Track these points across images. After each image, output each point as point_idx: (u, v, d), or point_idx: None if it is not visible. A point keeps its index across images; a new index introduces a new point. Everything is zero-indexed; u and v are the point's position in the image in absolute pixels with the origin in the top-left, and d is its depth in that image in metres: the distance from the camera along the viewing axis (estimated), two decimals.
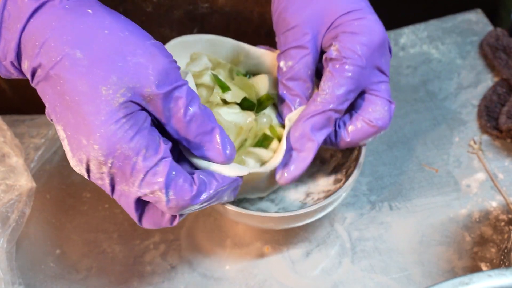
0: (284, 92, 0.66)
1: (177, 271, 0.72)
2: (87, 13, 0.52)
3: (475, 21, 0.92)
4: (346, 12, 0.63)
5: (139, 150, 0.52)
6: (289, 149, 0.65)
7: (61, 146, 0.80)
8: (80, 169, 0.54)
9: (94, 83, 0.50)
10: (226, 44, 0.70)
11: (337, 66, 0.62)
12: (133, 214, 0.56)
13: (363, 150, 0.69)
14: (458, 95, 0.85)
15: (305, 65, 0.64)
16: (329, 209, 0.68)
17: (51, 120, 0.55)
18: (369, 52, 0.63)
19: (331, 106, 0.63)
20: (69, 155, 0.54)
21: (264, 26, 0.76)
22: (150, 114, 0.54)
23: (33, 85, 0.54)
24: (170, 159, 0.54)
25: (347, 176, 0.68)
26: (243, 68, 0.71)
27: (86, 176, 0.55)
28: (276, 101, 0.68)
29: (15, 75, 0.55)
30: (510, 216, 0.75)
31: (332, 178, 0.72)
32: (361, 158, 0.68)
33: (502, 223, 0.75)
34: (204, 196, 0.55)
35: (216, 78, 0.65)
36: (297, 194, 0.73)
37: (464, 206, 0.76)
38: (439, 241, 0.73)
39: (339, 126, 0.66)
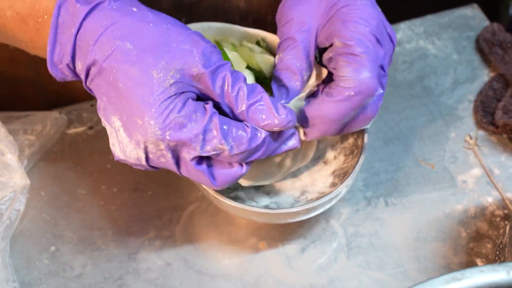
0: (273, 83, 0.65)
1: (173, 267, 0.72)
2: (133, 11, 0.57)
3: (472, 16, 0.91)
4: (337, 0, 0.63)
5: (190, 115, 0.56)
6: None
7: (55, 142, 0.80)
8: (138, 153, 0.57)
9: (146, 69, 0.55)
10: (235, 32, 0.70)
11: (350, 53, 0.61)
12: (201, 176, 0.59)
13: (361, 159, 0.68)
14: (454, 90, 0.85)
15: (293, 56, 0.64)
16: (317, 211, 0.68)
17: (103, 117, 0.58)
18: (371, 34, 0.62)
19: (356, 90, 0.61)
20: (125, 143, 0.58)
21: (252, 12, 0.76)
22: (202, 95, 0.59)
23: (87, 84, 0.58)
24: (217, 113, 0.57)
25: (344, 181, 0.68)
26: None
27: (144, 161, 0.58)
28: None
29: (69, 77, 0.59)
30: (506, 211, 0.75)
31: (329, 181, 0.72)
32: (357, 167, 0.68)
33: (498, 219, 0.74)
34: (260, 136, 0.58)
35: (218, 45, 0.65)
36: (292, 191, 0.73)
37: (460, 202, 0.76)
38: (435, 237, 0.73)
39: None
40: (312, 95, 0.66)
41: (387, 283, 0.70)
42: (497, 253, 0.67)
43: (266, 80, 0.67)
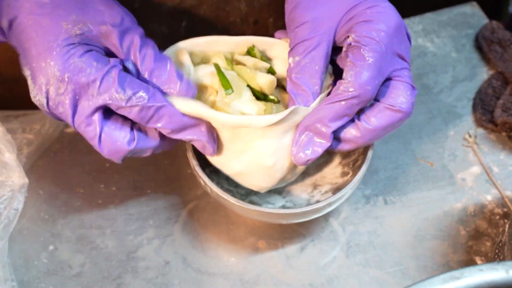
0: (291, 88, 0.63)
1: (171, 266, 0.72)
2: None
3: (471, 14, 0.91)
4: (357, 3, 0.63)
5: (91, 62, 0.59)
6: (303, 131, 0.63)
7: (54, 141, 0.80)
8: (40, 99, 0.60)
9: (56, 19, 0.59)
10: (224, 44, 0.68)
11: (356, 53, 0.61)
12: (92, 130, 0.61)
13: (370, 152, 0.68)
14: (453, 88, 0.85)
15: (312, 59, 0.63)
16: (336, 205, 0.68)
17: (22, 68, 0.61)
18: (387, 37, 0.61)
19: (354, 94, 0.61)
20: (31, 88, 0.61)
21: (252, 14, 0.75)
22: (110, 53, 0.62)
23: (10, 39, 0.62)
24: (121, 67, 0.60)
25: (355, 170, 0.68)
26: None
27: (45, 106, 0.60)
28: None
29: (1, 38, 0.63)
30: (505, 209, 0.75)
31: (339, 171, 0.72)
32: (369, 153, 0.68)
33: (497, 217, 0.74)
34: (159, 100, 0.60)
35: (219, 74, 0.64)
36: (304, 186, 0.73)
37: (459, 200, 0.76)
38: (434, 235, 0.73)
39: (359, 119, 0.64)
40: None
41: (386, 281, 0.70)
42: (497, 251, 0.67)
43: (269, 98, 0.66)
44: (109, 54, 0.62)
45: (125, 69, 0.62)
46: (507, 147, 0.80)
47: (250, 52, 0.68)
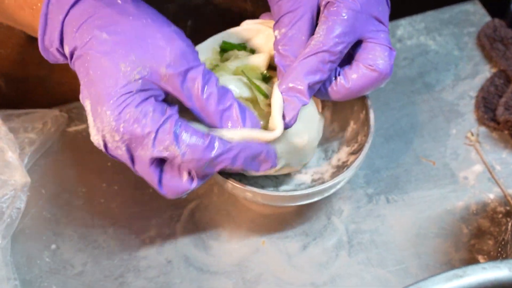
0: (279, 59, 0.64)
1: (173, 265, 0.72)
2: (117, 3, 0.59)
3: (473, 11, 0.91)
4: None
5: (146, 112, 0.57)
6: (287, 93, 0.63)
7: (56, 140, 0.80)
8: (98, 140, 0.59)
9: (115, 60, 0.57)
10: (207, 45, 0.69)
11: (331, 9, 0.62)
12: (151, 178, 0.60)
13: (370, 137, 0.69)
14: (455, 86, 0.85)
15: (298, 30, 0.63)
16: (339, 186, 0.69)
17: (81, 99, 0.60)
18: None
19: (324, 48, 0.61)
20: (90, 125, 0.60)
21: (258, 14, 0.75)
22: (169, 94, 0.60)
23: (71, 66, 0.61)
24: (177, 116, 0.59)
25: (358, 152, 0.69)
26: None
27: (103, 149, 0.60)
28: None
29: (61, 60, 0.62)
30: (507, 208, 0.75)
31: (345, 148, 0.73)
32: (363, 152, 0.68)
33: (500, 215, 0.74)
34: (217, 149, 0.59)
35: (253, 84, 0.64)
36: (302, 179, 0.73)
37: (461, 199, 0.76)
38: (436, 234, 0.73)
39: (338, 74, 0.65)
40: None
41: (388, 280, 0.70)
42: (499, 250, 0.67)
43: (266, 76, 0.67)
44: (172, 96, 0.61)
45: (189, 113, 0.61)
46: (509, 145, 0.79)
47: (225, 48, 0.68)
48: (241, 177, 0.69)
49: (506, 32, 0.87)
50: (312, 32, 0.64)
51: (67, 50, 0.60)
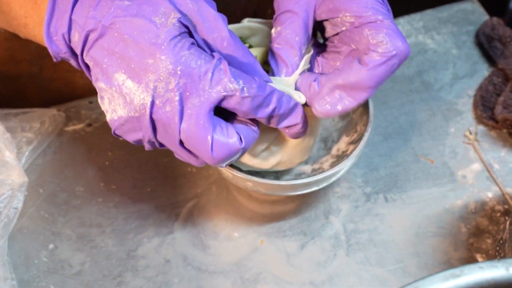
0: (271, 57, 0.64)
1: (171, 264, 0.72)
2: None
3: (471, 10, 0.91)
4: None
5: (199, 55, 0.56)
6: (334, 89, 0.62)
7: (53, 140, 0.80)
8: (145, 99, 0.56)
9: (147, 17, 0.57)
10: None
11: (372, 22, 0.60)
12: (204, 134, 0.57)
13: (369, 126, 0.69)
14: (453, 85, 0.85)
15: (292, 30, 0.63)
16: (339, 175, 0.69)
17: (102, 82, 0.58)
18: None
19: (393, 53, 0.60)
20: (132, 92, 0.57)
21: (252, 5, 0.76)
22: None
23: (85, 54, 0.58)
24: (225, 60, 0.58)
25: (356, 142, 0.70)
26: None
27: (148, 107, 0.56)
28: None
29: (63, 52, 0.59)
30: (506, 206, 0.75)
31: (343, 142, 0.74)
32: (371, 112, 0.69)
33: (498, 214, 0.74)
34: (268, 87, 0.58)
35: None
36: (305, 167, 0.74)
37: (460, 197, 0.75)
38: (435, 233, 0.73)
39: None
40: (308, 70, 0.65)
41: (387, 279, 0.70)
42: (497, 248, 0.67)
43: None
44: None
45: None
46: (507, 144, 0.79)
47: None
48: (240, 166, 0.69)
49: (504, 31, 0.87)
50: (307, 34, 0.63)
51: (77, 37, 0.58)
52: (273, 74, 0.64)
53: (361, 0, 0.61)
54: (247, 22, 0.70)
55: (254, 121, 0.61)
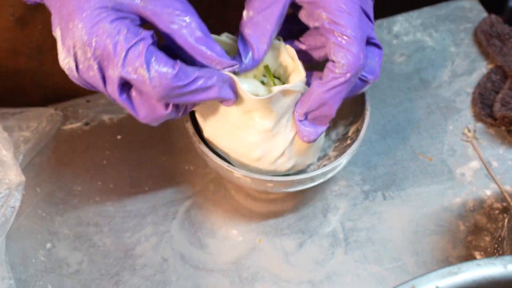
0: (240, 42, 0.63)
1: (169, 263, 0.71)
2: None
3: (469, 8, 0.91)
4: None
5: (120, 30, 0.56)
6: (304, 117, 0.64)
7: (51, 139, 0.80)
8: (69, 62, 0.57)
9: None
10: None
11: (337, 35, 0.60)
12: (122, 102, 0.58)
13: (365, 123, 0.69)
14: (452, 83, 0.85)
15: (265, 18, 0.61)
16: (345, 161, 0.69)
17: (53, 30, 0.59)
18: (355, 3, 0.61)
19: (352, 74, 0.61)
20: (59, 50, 0.58)
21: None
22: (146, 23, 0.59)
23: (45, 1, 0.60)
24: (150, 41, 0.57)
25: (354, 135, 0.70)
26: None
27: (74, 70, 0.58)
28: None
29: None
30: (504, 204, 0.74)
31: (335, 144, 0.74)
32: (362, 132, 0.69)
33: (496, 212, 0.74)
34: (188, 77, 0.57)
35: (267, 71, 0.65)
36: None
37: (459, 195, 0.75)
38: (433, 231, 0.73)
39: None
40: None
41: (385, 277, 0.70)
42: (496, 246, 0.66)
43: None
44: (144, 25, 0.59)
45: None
46: (506, 141, 0.79)
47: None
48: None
49: (502, 28, 0.86)
50: (279, 23, 0.62)
51: None
52: (240, 56, 0.62)
53: (340, 1, 0.60)
54: (225, 38, 0.68)
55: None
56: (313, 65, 0.67)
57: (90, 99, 0.83)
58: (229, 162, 0.68)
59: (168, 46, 0.59)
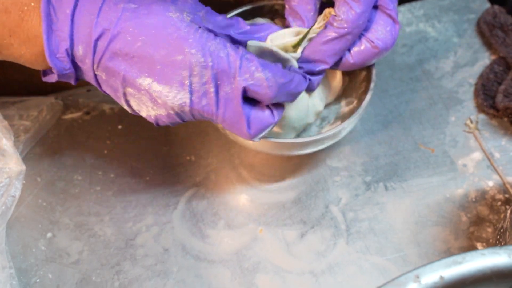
0: (288, 14, 0.67)
1: (170, 253, 0.71)
2: None
3: None
4: None
5: (225, 43, 0.57)
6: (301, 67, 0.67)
7: (51, 128, 0.79)
8: (182, 97, 0.56)
9: (162, 13, 0.55)
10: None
11: None
12: (240, 116, 0.59)
13: (374, 70, 0.70)
14: (454, 74, 0.84)
15: None
16: (343, 134, 0.70)
17: (128, 86, 0.57)
18: None
19: (348, 30, 0.64)
20: (164, 93, 0.56)
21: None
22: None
23: (95, 66, 0.56)
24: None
25: (360, 99, 0.71)
26: None
27: (188, 104, 0.57)
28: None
29: (67, 67, 0.56)
30: (506, 195, 0.74)
31: (343, 102, 0.74)
32: (373, 77, 0.70)
33: (499, 203, 0.74)
34: (287, 74, 0.60)
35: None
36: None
37: (461, 186, 0.75)
38: (435, 222, 0.73)
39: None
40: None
41: (387, 268, 0.70)
42: (498, 237, 0.66)
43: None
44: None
45: None
46: (508, 132, 0.79)
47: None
48: None
49: (506, 19, 0.86)
50: None
51: (81, 51, 0.55)
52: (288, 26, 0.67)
53: None
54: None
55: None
56: None
57: (91, 88, 0.83)
58: None
59: None
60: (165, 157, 0.78)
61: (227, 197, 0.75)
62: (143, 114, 0.60)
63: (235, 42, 0.63)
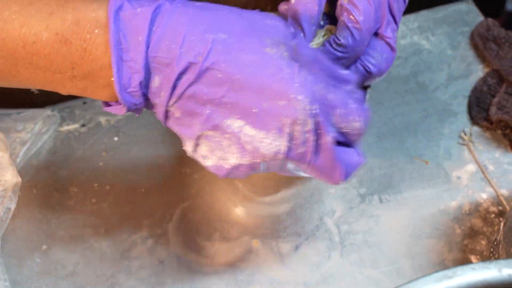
0: (290, 25, 0.60)
1: (165, 265, 0.71)
2: (196, 5, 0.50)
3: (466, 11, 0.91)
4: None
5: (328, 86, 0.50)
6: None
7: (47, 140, 0.80)
8: (280, 145, 0.49)
9: (257, 49, 0.48)
10: None
11: (348, 15, 0.56)
12: (336, 162, 0.52)
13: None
14: (448, 86, 0.85)
15: None
16: None
17: (223, 125, 0.50)
18: None
19: (344, 55, 0.56)
20: (258, 139, 0.50)
21: (251, 3, 0.75)
22: None
23: (172, 101, 0.49)
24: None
25: None
26: None
27: (283, 152, 0.50)
28: None
29: (139, 102, 0.50)
30: (500, 208, 0.74)
31: None
32: (368, 89, 0.69)
33: (492, 215, 0.74)
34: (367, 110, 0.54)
35: None
36: None
37: (455, 198, 0.75)
38: (430, 234, 0.73)
39: None
40: None
41: (381, 281, 0.70)
42: (492, 250, 0.67)
43: None
44: None
45: None
46: (502, 145, 0.79)
47: None
48: None
49: (499, 32, 0.86)
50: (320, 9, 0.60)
51: (158, 82, 0.48)
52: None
53: None
54: None
55: None
56: None
57: (87, 100, 0.83)
58: None
59: None
60: (160, 169, 0.78)
61: (222, 209, 0.75)
62: (209, 162, 0.52)
63: None
